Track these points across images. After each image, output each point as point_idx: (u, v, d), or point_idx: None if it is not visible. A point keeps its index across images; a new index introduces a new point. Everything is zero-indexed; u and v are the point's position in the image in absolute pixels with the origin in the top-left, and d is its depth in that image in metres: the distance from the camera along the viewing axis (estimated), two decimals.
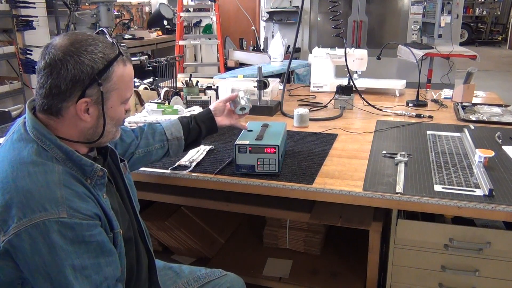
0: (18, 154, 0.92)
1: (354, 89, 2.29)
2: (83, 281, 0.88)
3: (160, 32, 6.07)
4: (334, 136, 1.79)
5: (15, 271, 0.90)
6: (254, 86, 2.17)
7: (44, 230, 0.84)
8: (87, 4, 4.54)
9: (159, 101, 2.14)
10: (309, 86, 2.70)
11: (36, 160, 0.90)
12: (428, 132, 1.83)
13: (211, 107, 1.46)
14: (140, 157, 1.32)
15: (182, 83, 2.42)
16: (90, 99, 0.94)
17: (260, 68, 2.14)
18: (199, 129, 1.41)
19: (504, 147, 1.63)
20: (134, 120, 1.87)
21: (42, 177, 0.88)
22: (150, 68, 2.39)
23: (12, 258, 0.88)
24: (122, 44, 1.18)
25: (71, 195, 0.89)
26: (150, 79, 2.51)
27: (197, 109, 2.03)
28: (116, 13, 5.45)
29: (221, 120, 1.46)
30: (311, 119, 1.97)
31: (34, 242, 0.85)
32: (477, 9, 13.34)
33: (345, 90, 2.25)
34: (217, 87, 2.44)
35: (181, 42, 5.11)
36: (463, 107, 2.19)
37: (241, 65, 5.00)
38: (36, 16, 4.11)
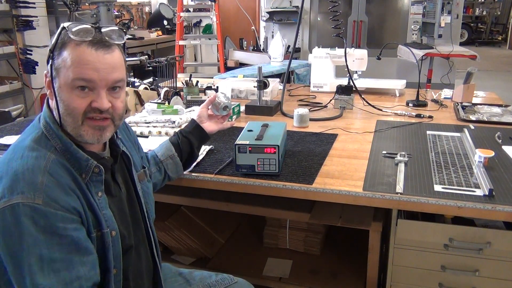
0: (23, 139, 0.96)
1: (354, 89, 2.29)
2: (50, 274, 0.86)
3: (160, 32, 6.06)
4: (334, 136, 1.79)
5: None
6: (254, 86, 2.17)
7: (17, 212, 0.85)
8: (87, 4, 4.54)
9: (159, 101, 2.14)
10: (309, 86, 2.71)
11: (33, 146, 0.93)
12: (428, 132, 1.83)
13: (195, 116, 1.45)
14: None
15: (182, 83, 2.43)
16: (47, 72, 0.96)
17: (260, 68, 2.14)
18: (188, 141, 1.40)
19: (504, 147, 1.63)
20: (134, 120, 1.87)
21: (31, 161, 0.90)
22: (150, 68, 2.39)
23: None
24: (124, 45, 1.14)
25: (53, 183, 0.89)
26: (150, 79, 2.51)
27: (197, 109, 2.03)
28: (116, 13, 5.45)
29: (209, 126, 1.45)
30: (311, 119, 1.97)
31: (6, 223, 0.86)
32: (477, 9, 13.34)
33: (345, 90, 2.25)
34: (217, 87, 2.44)
35: (181, 42, 5.11)
36: (463, 107, 2.19)
37: (241, 65, 5.00)
38: (36, 16, 4.11)
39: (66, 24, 0.95)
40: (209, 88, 2.44)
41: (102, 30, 0.96)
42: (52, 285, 0.86)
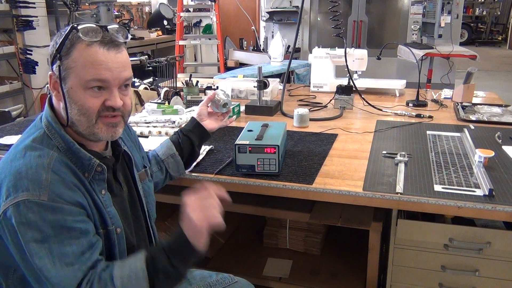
0: (25, 139, 0.97)
1: (354, 89, 2.29)
2: (63, 268, 0.87)
3: (160, 32, 6.06)
4: (334, 136, 1.79)
5: (9, 253, 0.91)
6: (254, 86, 2.17)
7: (24, 209, 0.86)
8: (87, 4, 4.54)
9: (159, 101, 2.14)
10: (309, 86, 2.71)
11: (35, 145, 0.94)
12: (428, 132, 1.83)
13: (195, 114, 1.46)
14: None
15: (182, 83, 2.43)
16: (53, 73, 0.97)
17: (260, 68, 2.14)
18: (189, 140, 1.40)
19: (504, 147, 1.63)
20: (134, 120, 1.87)
21: (34, 160, 0.91)
22: (150, 68, 2.39)
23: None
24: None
25: (57, 180, 0.90)
26: (150, 79, 2.51)
27: (196, 109, 2.03)
28: (116, 13, 5.45)
29: (209, 124, 1.45)
30: (311, 119, 1.97)
31: (15, 221, 0.86)
32: (477, 9, 13.35)
33: (345, 90, 2.25)
34: (217, 87, 2.44)
35: (181, 42, 5.11)
36: (463, 107, 2.19)
37: (241, 65, 5.00)
38: (36, 16, 4.11)
39: (75, 24, 0.95)
40: (209, 88, 2.44)
41: (108, 28, 0.97)
42: (68, 279, 0.87)
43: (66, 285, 0.87)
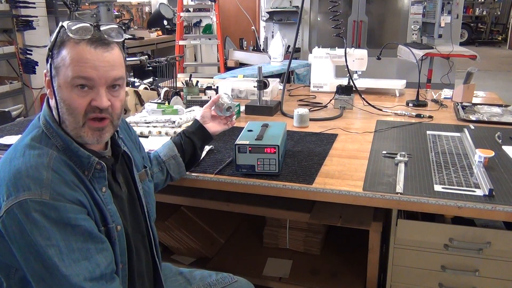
0: (23, 138, 0.97)
1: (354, 89, 2.29)
2: (71, 265, 0.87)
3: (160, 32, 6.06)
4: (334, 136, 1.79)
5: (10, 253, 0.91)
6: (254, 86, 2.17)
7: (26, 209, 0.86)
8: (87, 4, 4.54)
9: (159, 101, 2.14)
10: (309, 86, 2.71)
11: (34, 144, 0.94)
12: (428, 132, 1.83)
13: (198, 116, 1.46)
14: None
15: (182, 83, 2.43)
16: (47, 72, 0.97)
17: (260, 68, 2.14)
18: (191, 142, 1.40)
19: (504, 147, 1.63)
20: (134, 120, 1.87)
21: (34, 159, 0.91)
22: (150, 68, 2.39)
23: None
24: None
25: (58, 179, 0.90)
26: (150, 79, 2.51)
27: (197, 109, 2.03)
28: (116, 13, 5.45)
29: (212, 127, 1.45)
30: (311, 119, 1.97)
31: (18, 221, 0.86)
32: (477, 9, 13.35)
33: (345, 90, 2.25)
34: (217, 87, 2.44)
35: (181, 42, 5.11)
36: (463, 107, 2.19)
37: (241, 65, 5.00)
38: (36, 16, 4.12)
39: (65, 23, 0.95)
40: (209, 88, 2.44)
41: (101, 28, 0.96)
42: (75, 275, 0.87)
43: (74, 282, 0.87)
